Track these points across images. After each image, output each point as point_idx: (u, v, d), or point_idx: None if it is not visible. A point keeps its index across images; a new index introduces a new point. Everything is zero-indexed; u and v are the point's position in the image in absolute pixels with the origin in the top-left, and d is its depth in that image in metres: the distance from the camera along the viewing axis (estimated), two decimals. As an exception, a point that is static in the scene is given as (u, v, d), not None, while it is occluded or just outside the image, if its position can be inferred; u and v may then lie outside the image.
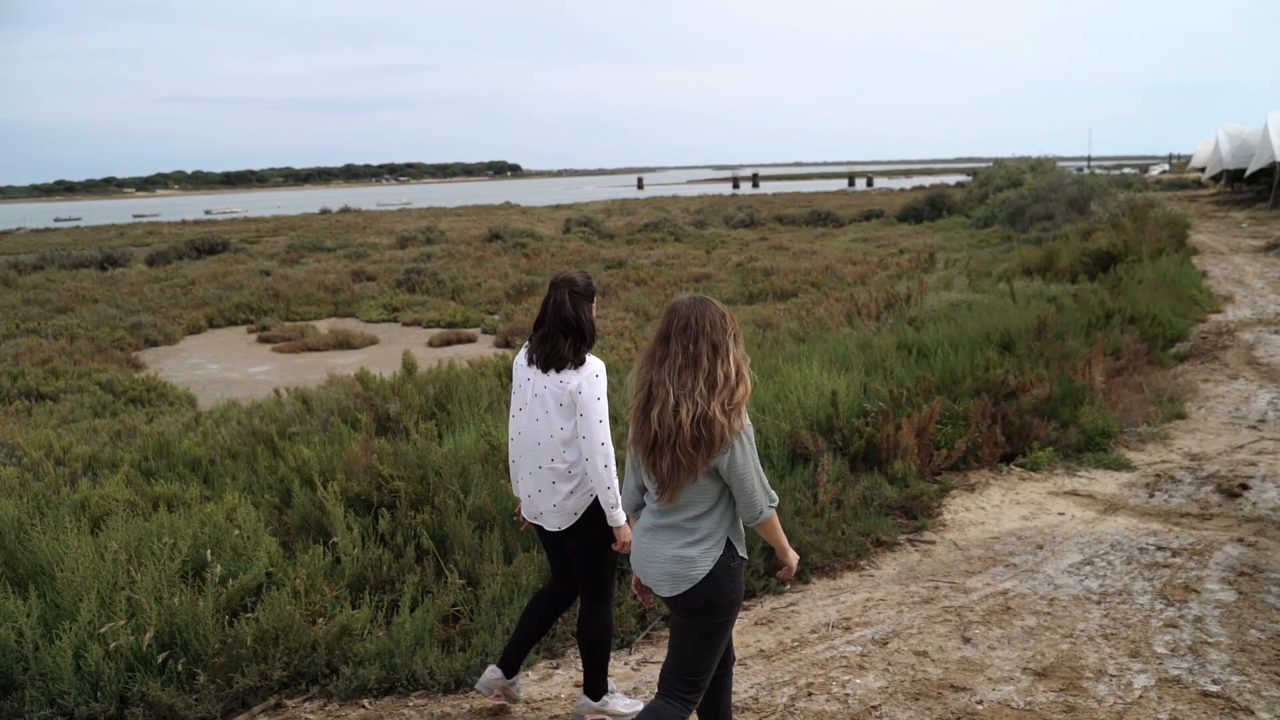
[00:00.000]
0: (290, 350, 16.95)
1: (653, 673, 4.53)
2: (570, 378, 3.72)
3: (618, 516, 3.73)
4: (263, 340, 18.20)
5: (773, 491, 3.12)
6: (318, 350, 16.90)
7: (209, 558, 4.80)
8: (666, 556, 3.12)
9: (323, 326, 19.17)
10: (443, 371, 9.42)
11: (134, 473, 6.85)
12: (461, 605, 4.99)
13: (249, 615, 4.57)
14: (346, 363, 14.73)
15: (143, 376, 13.58)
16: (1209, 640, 4.52)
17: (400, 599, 4.81)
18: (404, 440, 6.86)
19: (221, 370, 15.57)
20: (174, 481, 6.67)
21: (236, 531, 5.22)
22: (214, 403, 11.51)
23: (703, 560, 3.08)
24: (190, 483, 6.69)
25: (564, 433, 3.76)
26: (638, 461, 3.18)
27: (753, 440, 3.09)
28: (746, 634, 4.88)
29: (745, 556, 3.23)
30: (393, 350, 15.35)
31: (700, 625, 3.16)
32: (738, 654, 4.65)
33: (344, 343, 17.21)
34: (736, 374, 3.05)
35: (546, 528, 3.91)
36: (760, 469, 3.09)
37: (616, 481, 3.70)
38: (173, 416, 10.72)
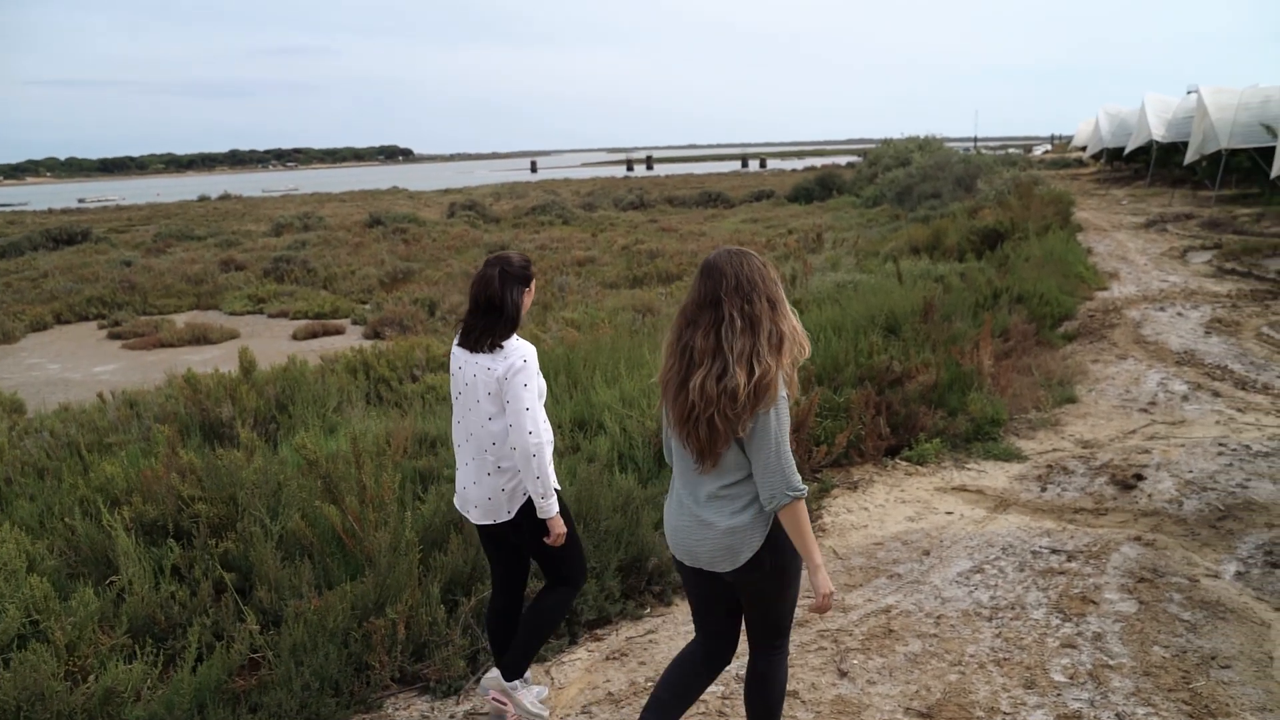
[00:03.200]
0: (142, 347, 15.68)
1: (479, 730, 3.84)
2: (497, 364, 3.46)
3: (548, 508, 3.52)
4: (113, 336, 16.85)
5: (797, 477, 2.75)
6: (172, 346, 15.66)
7: (-51, 608, 3.97)
8: (720, 530, 2.85)
9: (181, 320, 17.87)
10: (287, 370, 8.56)
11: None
12: (263, 650, 4.23)
13: (-4, 679, 3.75)
14: (201, 359, 13.65)
15: (-36, 380, 12.31)
16: (1110, 663, 4.01)
17: (187, 647, 4.03)
18: (225, 452, 6.02)
19: (62, 370, 14.30)
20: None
21: (-7, 573, 4.37)
22: (47, 407, 10.40)
23: (756, 526, 2.82)
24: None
25: (494, 424, 3.51)
26: (669, 433, 2.98)
27: (786, 410, 2.78)
28: (595, 671, 4.23)
29: None
30: (254, 345, 14.17)
31: (773, 583, 2.92)
32: (583, 697, 4.01)
33: (201, 338, 16.00)
34: (797, 328, 2.86)
35: (474, 521, 3.66)
36: (788, 447, 2.75)
37: (548, 470, 3.50)
38: (-11, 425, 9.60)
